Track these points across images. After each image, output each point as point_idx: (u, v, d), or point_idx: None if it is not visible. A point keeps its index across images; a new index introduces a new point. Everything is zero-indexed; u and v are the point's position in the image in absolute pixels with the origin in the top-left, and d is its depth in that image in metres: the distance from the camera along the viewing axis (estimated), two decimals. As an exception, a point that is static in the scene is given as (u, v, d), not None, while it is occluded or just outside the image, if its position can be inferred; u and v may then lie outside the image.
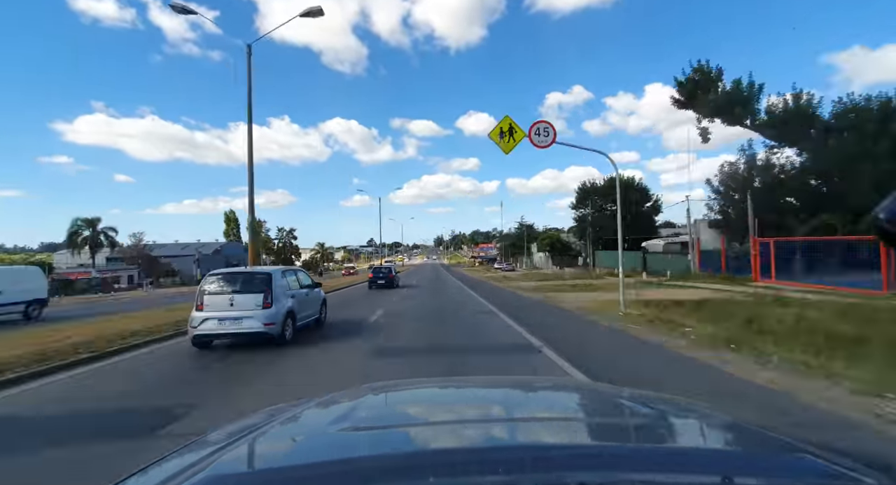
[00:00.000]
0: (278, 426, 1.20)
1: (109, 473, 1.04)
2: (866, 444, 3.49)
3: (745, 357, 6.17)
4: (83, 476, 3.23)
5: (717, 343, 6.99)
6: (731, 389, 4.93)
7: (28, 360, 6.74)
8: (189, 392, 5.43)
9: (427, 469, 0.84)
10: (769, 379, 5.12)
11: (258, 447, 1.07)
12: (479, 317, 12.04)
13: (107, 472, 1.41)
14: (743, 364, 5.86)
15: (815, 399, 4.43)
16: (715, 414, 1.30)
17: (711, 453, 1.02)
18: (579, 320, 10.94)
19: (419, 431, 1.20)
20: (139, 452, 4.04)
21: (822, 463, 0.85)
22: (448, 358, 6.95)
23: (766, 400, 4.52)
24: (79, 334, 9.04)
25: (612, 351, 7.46)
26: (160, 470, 0.94)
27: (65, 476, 3.34)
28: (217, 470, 0.88)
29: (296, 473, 0.88)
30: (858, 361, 5.23)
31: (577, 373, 5.66)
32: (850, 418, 3.97)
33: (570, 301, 14.85)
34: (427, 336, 9.11)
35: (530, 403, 1.53)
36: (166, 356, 7.80)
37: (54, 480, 3.33)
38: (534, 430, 1.19)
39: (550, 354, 6.80)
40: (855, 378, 4.75)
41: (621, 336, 8.52)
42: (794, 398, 4.49)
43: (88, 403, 5.18)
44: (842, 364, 5.23)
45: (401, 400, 1.58)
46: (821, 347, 5.87)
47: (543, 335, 8.43)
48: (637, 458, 0.93)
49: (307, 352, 7.63)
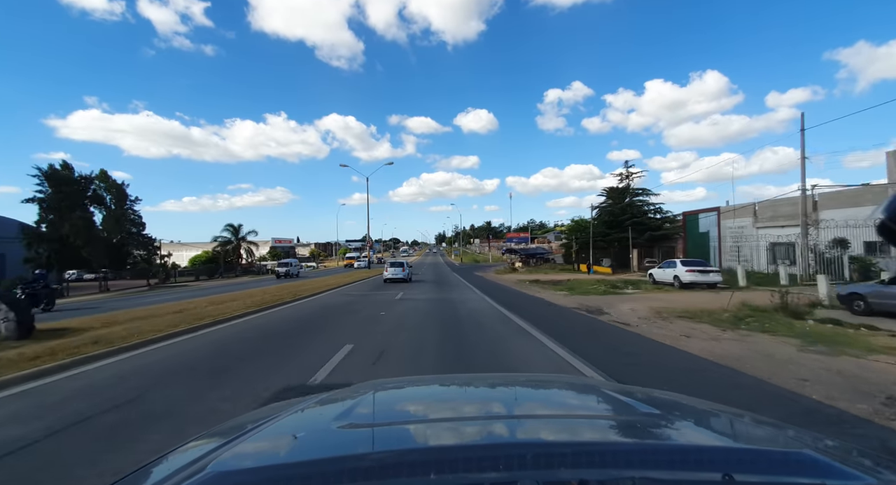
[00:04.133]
0: (280, 423, 1.20)
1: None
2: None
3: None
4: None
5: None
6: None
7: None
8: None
9: (428, 466, 0.84)
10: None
11: (260, 444, 1.08)
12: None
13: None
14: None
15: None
16: (715, 410, 1.31)
17: (712, 449, 1.02)
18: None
19: (420, 427, 1.20)
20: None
21: (823, 458, 0.86)
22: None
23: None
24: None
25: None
26: (163, 466, 0.95)
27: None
28: (219, 467, 0.88)
29: (298, 469, 0.88)
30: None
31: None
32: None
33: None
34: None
35: (531, 400, 1.54)
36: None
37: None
38: (535, 427, 1.20)
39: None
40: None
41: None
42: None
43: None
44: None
45: (403, 397, 1.58)
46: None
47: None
48: (637, 454, 0.94)
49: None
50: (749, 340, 7.69)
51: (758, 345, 7.28)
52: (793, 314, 10.01)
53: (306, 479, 0.83)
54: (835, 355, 6.41)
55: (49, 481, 2.99)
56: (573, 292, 17.66)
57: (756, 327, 8.89)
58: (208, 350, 7.44)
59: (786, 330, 8.47)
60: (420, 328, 9.26)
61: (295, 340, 8.10)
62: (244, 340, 8.41)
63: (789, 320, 9.48)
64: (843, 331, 8.41)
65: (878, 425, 3.81)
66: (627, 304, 13.44)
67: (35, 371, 5.85)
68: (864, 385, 4.96)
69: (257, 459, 1.01)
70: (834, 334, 8.05)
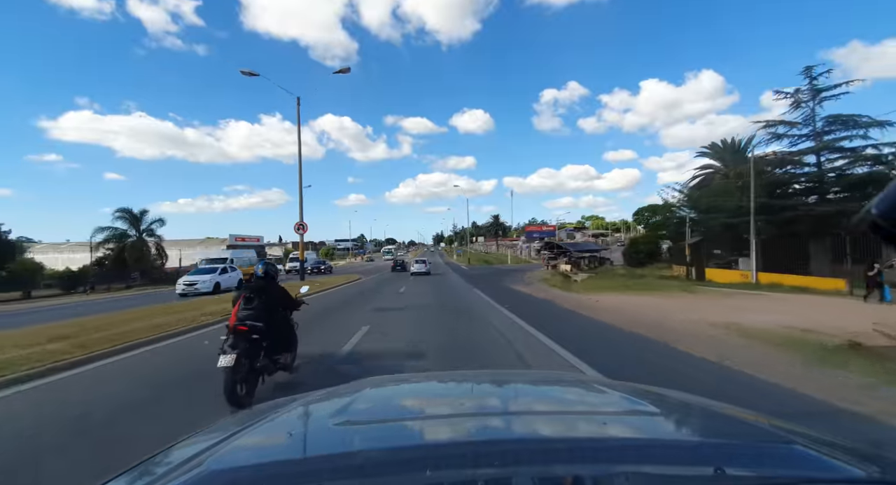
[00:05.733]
0: (278, 420, 1.21)
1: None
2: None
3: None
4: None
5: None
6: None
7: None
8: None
9: (424, 462, 0.85)
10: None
11: (258, 441, 1.08)
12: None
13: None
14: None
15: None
16: (708, 406, 1.32)
17: (704, 444, 1.04)
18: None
19: (417, 424, 1.20)
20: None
21: (814, 453, 0.87)
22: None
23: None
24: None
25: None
26: (160, 463, 0.95)
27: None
28: (217, 463, 0.88)
29: (295, 467, 0.89)
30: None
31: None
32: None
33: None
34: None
35: (527, 396, 1.54)
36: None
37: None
38: (530, 423, 1.21)
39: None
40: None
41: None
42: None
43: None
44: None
45: (399, 394, 1.59)
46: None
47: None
48: (631, 450, 0.95)
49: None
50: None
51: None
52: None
53: (304, 476, 0.84)
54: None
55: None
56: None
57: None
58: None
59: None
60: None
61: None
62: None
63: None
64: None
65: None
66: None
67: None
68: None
69: (255, 456, 1.01)
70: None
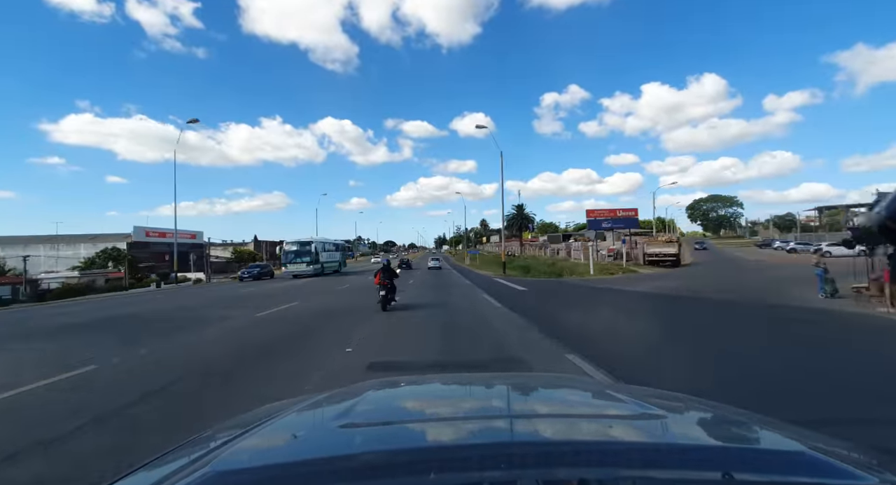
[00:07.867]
0: (279, 423, 1.20)
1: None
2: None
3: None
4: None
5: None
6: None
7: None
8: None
9: (427, 464, 0.84)
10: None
11: (259, 443, 1.07)
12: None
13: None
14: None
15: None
16: (715, 410, 1.30)
17: (711, 449, 1.02)
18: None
19: (420, 427, 1.19)
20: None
21: (822, 457, 0.86)
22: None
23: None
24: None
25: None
26: (164, 465, 0.94)
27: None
28: (220, 465, 0.88)
29: (297, 469, 0.88)
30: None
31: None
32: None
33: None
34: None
35: (532, 399, 1.53)
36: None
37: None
38: (535, 426, 1.19)
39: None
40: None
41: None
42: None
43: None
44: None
45: (402, 396, 1.58)
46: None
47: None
48: (637, 454, 0.94)
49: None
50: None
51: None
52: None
53: (307, 478, 0.83)
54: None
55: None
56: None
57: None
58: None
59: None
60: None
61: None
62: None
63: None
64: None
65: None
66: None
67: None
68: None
69: (258, 458, 1.00)
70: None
